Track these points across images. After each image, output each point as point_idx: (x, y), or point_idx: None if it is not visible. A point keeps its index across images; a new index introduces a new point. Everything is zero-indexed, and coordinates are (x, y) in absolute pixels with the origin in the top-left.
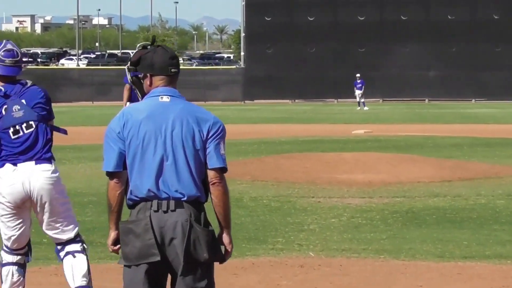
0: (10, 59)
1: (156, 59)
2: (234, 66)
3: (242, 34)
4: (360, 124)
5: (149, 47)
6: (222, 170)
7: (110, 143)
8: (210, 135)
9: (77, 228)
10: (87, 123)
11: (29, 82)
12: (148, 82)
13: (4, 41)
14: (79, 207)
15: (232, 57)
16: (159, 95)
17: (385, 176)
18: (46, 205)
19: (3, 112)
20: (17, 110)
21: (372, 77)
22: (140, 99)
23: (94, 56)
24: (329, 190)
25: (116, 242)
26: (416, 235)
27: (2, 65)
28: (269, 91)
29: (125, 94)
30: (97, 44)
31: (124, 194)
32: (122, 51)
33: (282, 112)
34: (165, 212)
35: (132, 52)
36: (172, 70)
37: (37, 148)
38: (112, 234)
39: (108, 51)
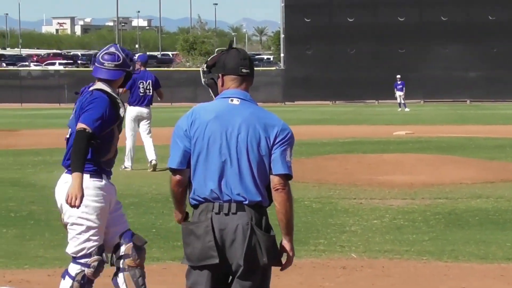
0: (110, 62)
1: (228, 59)
2: (274, 68)
3: (282, 36)
4: (401, 125)
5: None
6: (286, 177)
7: (177, 140)
8: (276, 141)
9: (78, 248)
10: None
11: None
12: (220, 83)
13: (112, 44)
14: None
15: (272, 59)
16: (229, 97)
17: (427, 177)
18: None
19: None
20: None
21: (413, 78)
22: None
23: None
24: (371, 192)
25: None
26: (458, 237)
27: (99, 67)
28: (309, 92)
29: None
30: (136, 46)
31: (186, 190)
32: (162, 52)
33: (322, 114)
34: (226, 214)
35: (172, 54)
36: (243, 70)
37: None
38: (180, 216)
39: (148, 53)
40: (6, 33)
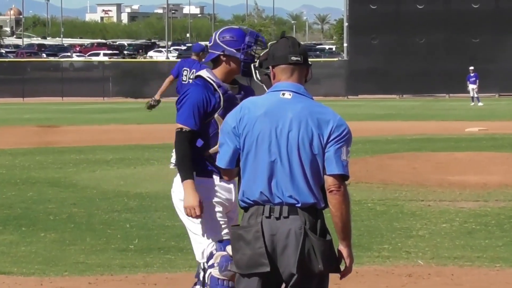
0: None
1: (276, 49)
2: (337, 59)
3: (345, 24)
4: (474, 121)
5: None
6: (341, 178)
7: (226, 137)
8: (331, 138)
9: (199, 252)
10: None
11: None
12: (272, 76)
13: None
14: (169, 211)
15: (334, 49)
16: (281, 91)
17: (502, 177)
18: None
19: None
20: None
21: (488, 70)
22: None
23: (185, 48)
24: (440, 193)
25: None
26: None
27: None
28: (374, 86)
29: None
30: (188, 35)
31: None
32: None
33: (388, 108)
34: (278, 218)
35: None
36: (293, 58)
37: None
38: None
39: (200, 43)
40: (47, 21)
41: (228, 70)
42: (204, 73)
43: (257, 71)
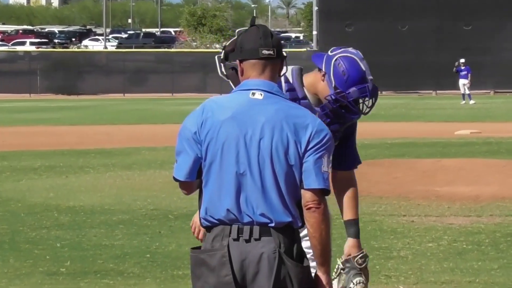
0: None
1: (245, 40)
2: (305, 49)
3: (315, 8)
4: (465, 123)
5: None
6: (321, 192)
7: (184, 145)
8: (310, 146)
9: None
10: (116, 120)
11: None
12: (239, 71)
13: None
14: (106, 228)
15: (302, 37)
16: (250, 90)
17: (498, 188)
18: None
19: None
20: None
21: (481, 62)
22: None
23: (126, 36)
24: (425, 207)
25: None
26: None
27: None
28: None
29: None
30: (129, 20)
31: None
32: (162, 29)
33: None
34: (247, 241)
35: (175, 32)
36: (264, 52)
37: None
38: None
39: (144, 30)
40: None
41: (320, 88)
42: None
43: (222, 65)
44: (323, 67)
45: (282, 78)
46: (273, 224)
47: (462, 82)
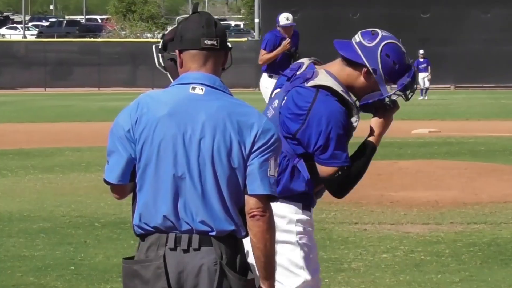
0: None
1: (185, 28)
2: (245, 39)
3: None
4: (424, 121)
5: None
6: (267, 199)
7: (117, 144)
8: (255, 147)
9: None
10: (37, 118)
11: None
12: (179, 63)
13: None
14: (26, 237)
15: (242, 26)
16: (190, 84)
17: (459, 193)
18: None
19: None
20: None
21: (441, 54)
22: None
23: (47, 24)
24: (380, 214)
25: None
26: (501, 277)
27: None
28: None
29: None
30: (51, 7)
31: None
32: (88, 17)
33: None
34: (186, 251)
35: (101, 19)
36: (207, 41)
37: None
38: None
39: (67, 17)
40: None
41: (359, 86)
42: (328, 80)
43: (160, 55)
44: (366, 62)
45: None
46: (214, 233)
47: (422, 75)
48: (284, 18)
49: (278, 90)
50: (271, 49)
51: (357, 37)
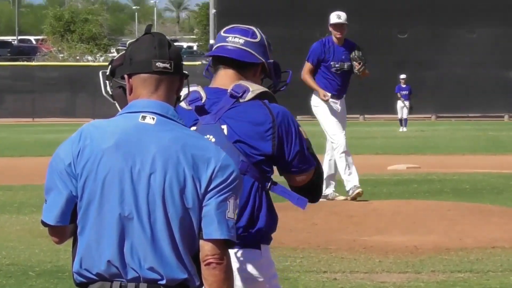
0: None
1: (135, 50)
2: (199, 62)
3: (212, 11)
4: (401, 155)
5: None
6: (225, 244)
7: (56, 179)
8: (212, 185)
9: None
10: None
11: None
12: (128, 89)
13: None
14: None
15: (195, 48)
16: (140, 112)
17: (440, 238)
18: None
19: None
20: None
21: (420, 79)
22: None
23: None
24: (351, 261)
25: None
26: None
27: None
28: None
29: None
30: None
31: None
32: (20, 37)
33: None
34: None
35: (36, 40)
36: (159, 64)
37: None
38: None
39: None
40: None
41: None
42: (254, 86)
43: (107, 82)
44: (262, 58)
45: None
46: (164, 282)
47: (402, 104)
48: (335, 16)
49: (194, 127)
50: (315, 63)
51: (236, 39)
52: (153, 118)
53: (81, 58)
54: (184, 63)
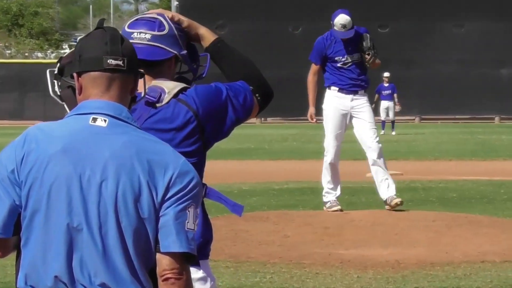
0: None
1: (85, 46)
2: None
3: (175, 3)
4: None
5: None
6: (184, 258)
7: None
8: (170, 193)
9: None
10: None
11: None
12: (77, 88)
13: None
14: None
15: None
16: (90, 114)
17: (425, 251)
18: None
19: None
20: None
21: (403, 78)
22: None
23: None
24: (327, 276)
25: None
26: None
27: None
28: None
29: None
30: None
31: None
32: None
33: (242, 139)
34: None
35: None
36: (110, 61)
37: None
38: None
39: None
40: None
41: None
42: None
43: (55, 82)
44: (174, 51)
45: None
46: None
47: (385, 105)
48: (340, 26)
49: None
50: (319, 61)
51: (142, 34)
52: (105, 120)
53: (30, 55)
54: None
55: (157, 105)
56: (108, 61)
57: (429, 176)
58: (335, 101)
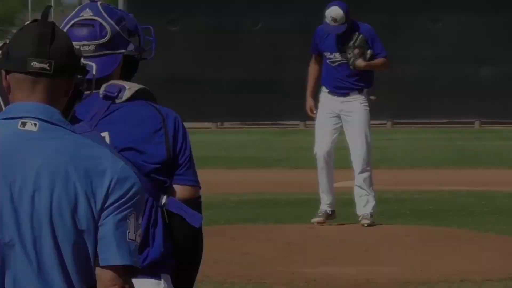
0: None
1: (14, 42)
2: None
3: None
4: (350, 169)
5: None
6: (126, 271)
7: None
8: (109, 202)
9: None
10: None
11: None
12: (5, 88)
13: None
14: None
15: None
16: (19, 118)
17: (398, 269)
18: None
19: None
20: None
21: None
22: None
23: None
24: None
25: None
26: None
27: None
28: (174, 105)
29: None
30: None
31: None
32: None
33: (196, 146)
34: None
35: None
36: (35, 64)
37: None
38: None
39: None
40: None
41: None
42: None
43: None
44: (123, 51)
45: None
46: None
47: None
48: (330, 18)
49: None
50: (316, 52)
51: (85, 47)
52: (35, 124)
53: None
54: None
55: (117, 101)
56: (32, 64)
57: (403, 186)
58: (325, 103)
